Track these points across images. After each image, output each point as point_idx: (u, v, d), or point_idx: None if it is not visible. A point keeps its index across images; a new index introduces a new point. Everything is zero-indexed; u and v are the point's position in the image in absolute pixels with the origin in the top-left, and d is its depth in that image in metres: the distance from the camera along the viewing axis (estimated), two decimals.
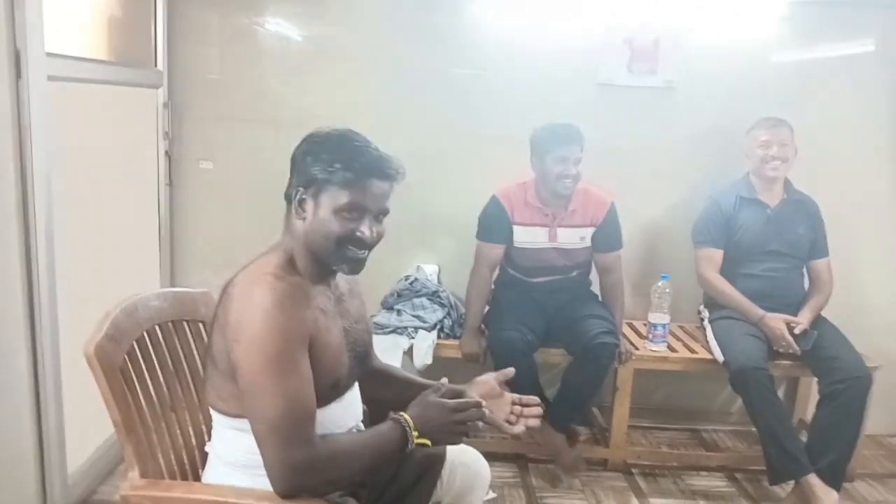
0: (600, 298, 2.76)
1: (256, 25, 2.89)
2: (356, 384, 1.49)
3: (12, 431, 1.97)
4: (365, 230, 1.32)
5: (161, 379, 1.49)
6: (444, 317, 2.68)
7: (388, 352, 2.47)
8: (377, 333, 2.53)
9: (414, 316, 2.61)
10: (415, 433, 1.30)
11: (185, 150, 2.93)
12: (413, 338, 2.56)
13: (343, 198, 1.31)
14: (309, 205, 1.35)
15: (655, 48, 2.93)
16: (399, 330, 2.57)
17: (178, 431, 1.50)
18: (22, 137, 1.91)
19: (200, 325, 1.65)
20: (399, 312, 2.62)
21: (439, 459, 1.53)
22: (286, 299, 1.24)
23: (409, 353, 2.55)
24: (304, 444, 1.20)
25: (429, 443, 1.32)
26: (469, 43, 2.91)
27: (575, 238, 2.65)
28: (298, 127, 2.86)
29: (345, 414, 1.42)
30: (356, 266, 1.36)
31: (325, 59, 2.92)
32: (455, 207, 2.91)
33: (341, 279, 1.45)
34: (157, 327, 1.52)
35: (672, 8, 2.89)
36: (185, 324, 1.61)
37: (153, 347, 1.48)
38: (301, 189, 1.37)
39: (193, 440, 1.55)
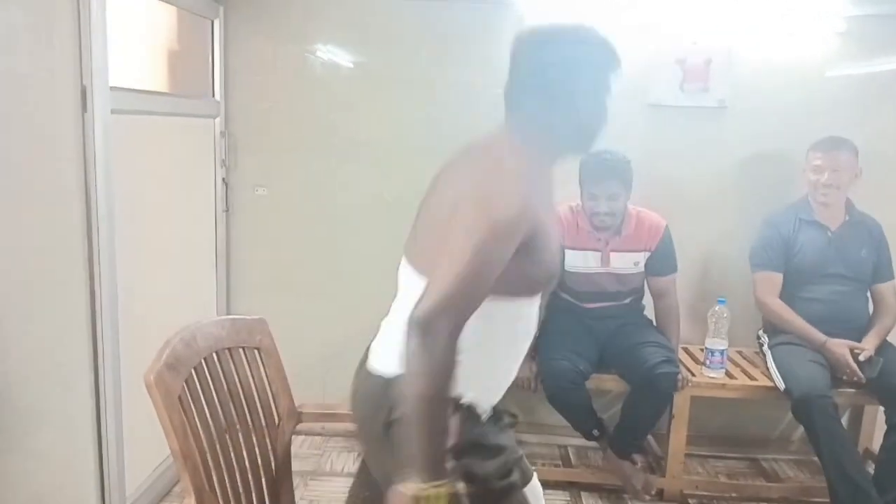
0: (655, 324, 2.71)
1: (308, 54, 2.95)
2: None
3: (74, 454, 2.03)
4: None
5: (218, 407, 1.51)
6: None
7: None
8: None
9: None
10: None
11: (241, 177, 3.00)
12: None
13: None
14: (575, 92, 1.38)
15: (707, 67, 2.89)
16: None
17: (234, 460, 1.52)
18: (87, 168, 1.98)
19: (256, 352, 1.67)
20: None
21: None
22: (533, 185, 1.27)
23: None
24: (455, 317, 1.14)
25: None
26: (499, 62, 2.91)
27: (628, 263, 2.61)
28: (348, 153, 2.99)
29: (535, 317, 1.40)
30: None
31: (372, 86, 2.96)
32: None
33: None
34: (214, 354, 1.54)
35: (724, 26, 2.84)
36: (241, 351, 1.63)
37: (211, 375, 1.51)
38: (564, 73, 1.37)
39: (248, 470, 1.57)
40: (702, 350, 2.73)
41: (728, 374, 2.66)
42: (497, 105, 2.85)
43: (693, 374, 2.63)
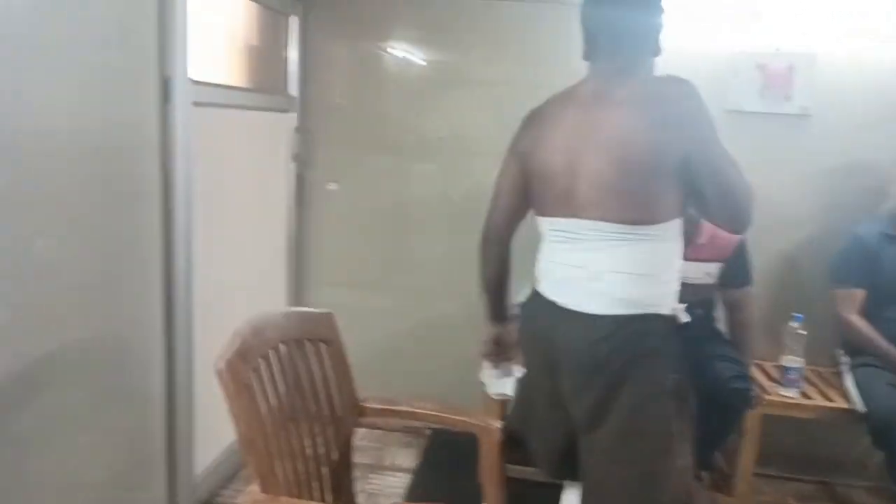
0: (728, 338, 2.62)
1: (382, 51, 2.98)
2: None
3: (146, 434, 2.10)
4: None
5: (284, 397, 1.54)
6: None
7: (500, 379, 2.45)
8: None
9: None
10: None
11: (314, 171, 3.06)
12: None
13: None
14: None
15: (790, 73, 2.77)
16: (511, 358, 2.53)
17: (298, 449, 1.54)
18: (167, 158, 2.05)
19: (322, 345, 1.69)
20: None
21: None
22: (537, 127, 1.73)
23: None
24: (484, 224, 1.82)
25: None
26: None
27: (700, 273, 2.51)
28: (419, 151, 3.01)
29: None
30: None
31: (446, 85, 2.97)
32: None
33: None
34: (282, 345, 1.57)
35: (808, 32, 2.73)
36: (308, 343, 1.66)
37: (279, 364, 1.54)
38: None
39: (311, 459, 1.59)
40: (776, 367, 2.63)
41: (803, 394, 2.54)
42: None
43: (766, 392, 2.53)
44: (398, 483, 2.68)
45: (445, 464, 2.75)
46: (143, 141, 1.97)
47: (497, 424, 1.73)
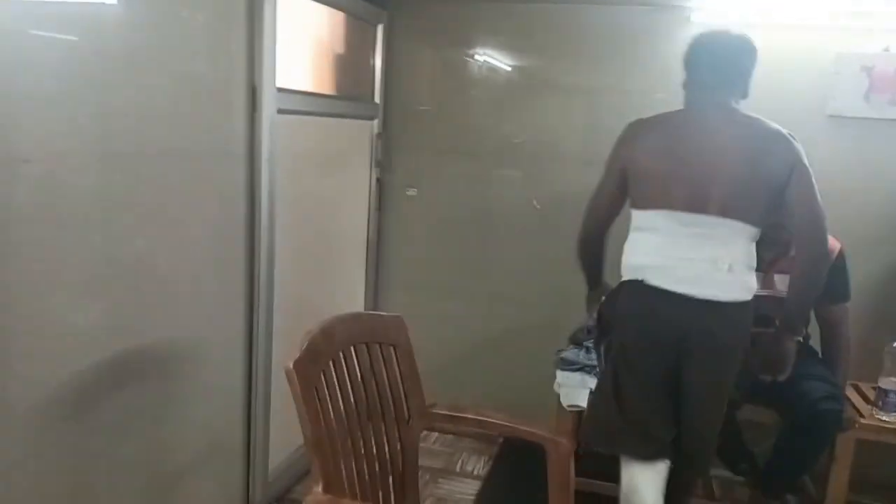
0: (821, 356, 2.47)
1: (466, 58, 2.99)
2: None
3: (225, 428, 2.19)
4: None
5: (352, 399, 1.56)
6: None
7: (575, 390, 2.41)
8: (564, 370, 2.47)
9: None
10: None
11: (394, 177, 3.10)
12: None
13: None
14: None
15: None
16: (587, 368, 2.48)
17: (363, 451, 1.57)
18: (253, 164, 2.13)
19: (392, 349, 1.71)
20: (588, 350, 2.53)
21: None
22: (640, 136, 2.02)
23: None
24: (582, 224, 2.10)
25: None
26: (676, 68, 2.77)
27: None
28: (500, 158, 3.00)
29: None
30: None
31: (527, 91, 2.94)
32: None
33: None
34: (352, 348, 1.60)
35: None
36: (378, 346, 1.68)
37: (347, 368, 1.56)
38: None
39: (376, 462, 1.61)
40: (874, 389, 2.45)
41: None
42: (653, 110, 2.74)
43: (862, 415, 2.37)
44: (467, 489, 2.68)
45: (516, 472, 2.72)
46: (230, 147, 2.06)
47: (566, 439, 1.70)
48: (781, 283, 2.36)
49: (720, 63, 1.96)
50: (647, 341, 1.95)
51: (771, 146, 1.88)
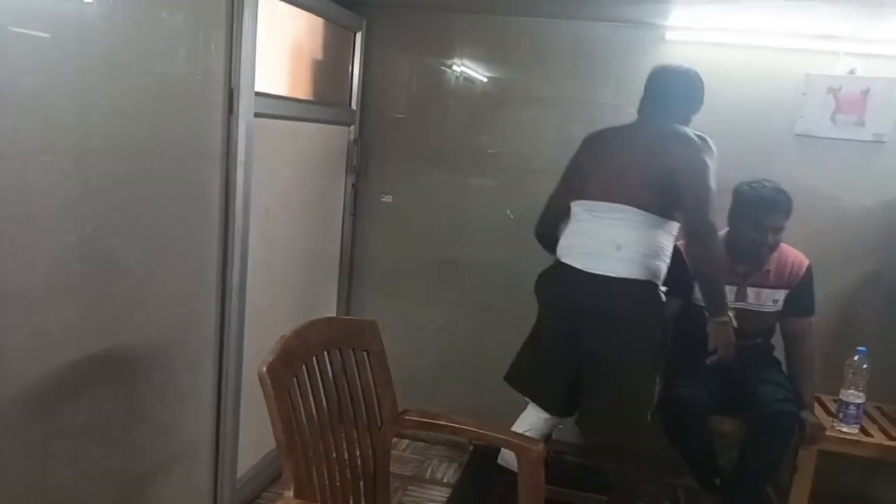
0: (785, 368, 2.53)
1: (443, 67, 3.01)
2: None
3: (193, 433, 2.16)
4: None
5: (324, 403, 1.56)
6: None
7: None
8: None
9: None
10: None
11: (370, 183, 3.11)
12: None
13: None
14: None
15: (864, 97, 2.68)
16: None
17: (335, 456, 1.56)
18: (228, 166, 2.12)
19: (365, 354, 1.71)
20: None
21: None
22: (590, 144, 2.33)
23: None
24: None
25: None
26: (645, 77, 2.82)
27: (767, 300, 2.46)
28: (475, 167, 3.02)
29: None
30: None
31: (503, 102, 2.97)
32: None
33: None
34: (325, 352, 1.60)
35: (885, 54, 2.62)
36: (351, 351, 1.68)
37: (320, 372, 1.56)
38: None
39: (348, 467, 1.61)
40: (835, 401, 2.52)
41: (863, 430, 2.42)
42: (622, 119, 2.77)
43: (823, 428, 2.43)
44: (437, 496, 2.68)
45: (486, 480, 2.73)
46: (206, 149, 2.05)
47: (539, 444, 1.71)
48: (753, 296, 2.43)
49: (665, 97, 2.28)
50: (550, 306, 2.28)
51: (672, 146, 2.15)
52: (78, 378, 1.67)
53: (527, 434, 2.11)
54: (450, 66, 3.01)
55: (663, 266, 2.19)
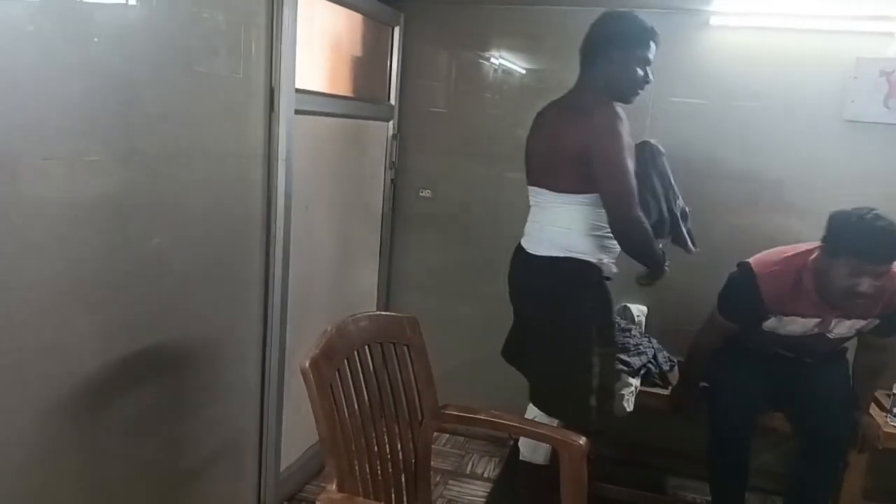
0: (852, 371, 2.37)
1: (481, 60, 2.99)
2: None
3: (238, 427, 2.20)
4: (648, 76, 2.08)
5: (366, 398, 1.57)
6: (649, 362, 2.53)
7: None
8: None
9: (616, 358, 2.48)
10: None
11: (408, 178, 3.11)
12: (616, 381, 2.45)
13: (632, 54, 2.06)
14: (617, 59, 2.05)
15: None
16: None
17: (377, 450, 1.57)
18: (270, 163, 2.14)
19: (406, 349, 1.72)
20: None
21: None
22: (617, 113, 1.97)
23: None
24: (636, 206, 1.94)
25: None
26: (696, 73, 2.77)
27: (849, 330, 2.21)
28: (510, 159, 2.99)
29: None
30: (633, 99, 2.11)
31: (542, 93, 2.90)
32: (671, 251, 2.74)
33: None
34: (367, 347, 1.61)
35: None
36: (392, 346, 1.69)
37: (362, 367, 1.57)
38: (611, 48, 2.05)
39: (389, 462, 1.61)
40: (889, 395, 2.43)
41: None
42: (668, 113, 2.74)
43: (879, 429, 2.34)
44: (478, 491, 2.68)
45: (527, 475, 2.71)
46: (247, 147, 2.07)
47: (580, 439, 1.70)
48: (839, 327, 2.22)
49: (582, 57, 2.13)
50: (508, 284, 2.28)
51: (571, 123, 2.00)
52: (126, 374, 1.71)
53: (535, 420, 2.08)
54: (487, 59, 2.99)
55: (591, 240, 2.04)
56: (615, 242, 2.03)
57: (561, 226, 2.07)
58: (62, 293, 1.50)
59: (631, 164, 1.96)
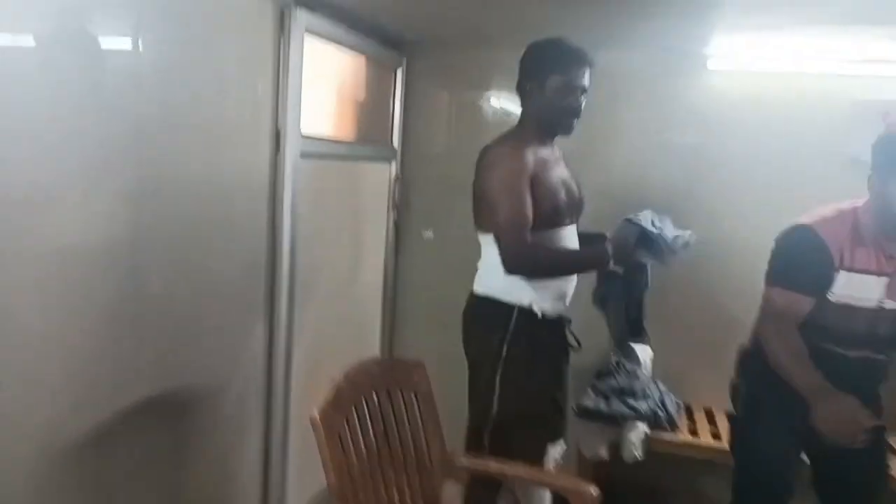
0: None
1: (481, 101, 3.02)
2: (572, 228, 2.09)
3: (243, 473, 2.16)
4: (578, 103, 2.01)
5: (374, 446, 1.54)
6: (657, 406, 2.50)
7: (594, 438, 2.37)
8: (583, 418, 2.44)
9: (623, 403, 2.46)
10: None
11: (411, 219, 3.11)
12: (622, 427, 2.42)
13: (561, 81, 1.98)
14: (537, 91, 2.01)
15: None
16: (607, 418, 2.44)
17: (388, 499, 1.54)
18: (275, 206, 2.14)
19: (413, 395, 1.69)
20: (607, 398, 2.50)
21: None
22: (514, 149, 1.96)
23: (616, 443, 2.41)
24: (524, 242, 1.88)
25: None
26: (693, 109, 2.79)
27: None
28: None
29: (562, 243, 2.04)
30: (570, 129, 2.06)
31: None
32: (675, 294, 2.73)
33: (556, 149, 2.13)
34: (374, 394, 1.59)
35: None
36: (399, 392, 1.67)
37: (370, 415, 1.55)
38: (531, 81, 2.03)
39: None
40: None
41: None
42: (667, 148, 2.73)
43: None
44: None
45: None
46: (253, 190, 2.07)
47: (591, 488, 1.67)
48: None
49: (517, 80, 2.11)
50: None
51: (479, 160, 2.05)
52: (131, 419, 1.68)
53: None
54: (487, 100, 3.02)
55: (511, 280, 1.96)
56: (561, 283, 2.03)
57: (484, 264, 2.09)
58: (68, 337, 1.48)
59: (520, 199, 1.90)
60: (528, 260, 1.93)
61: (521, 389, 1.98)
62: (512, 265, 1.92)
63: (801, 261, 1.89)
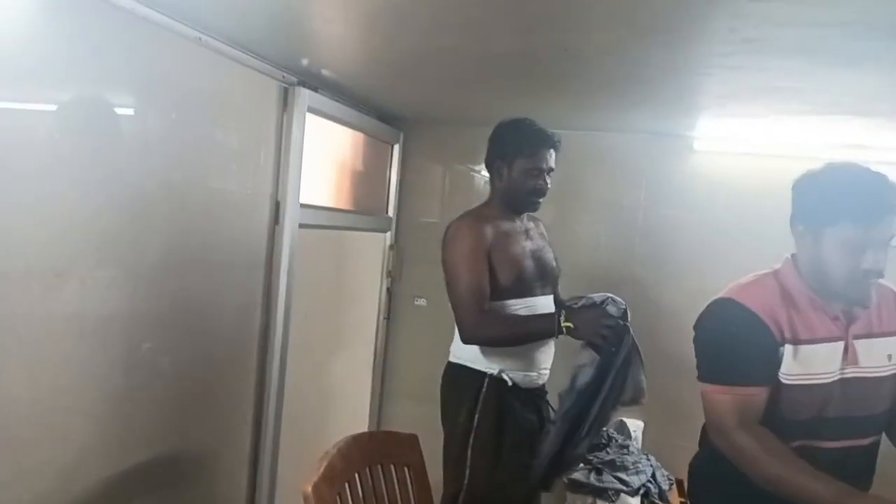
0: None
1: (474, 174, 3.11)
2: (547, 298, 2.14)
3: None
4: (543, 184, 2.07)
5: None
6: (648, 481, 2.49)
7: None
8: (574, 492, 2.42)
9: (615, 477, 2.45)
10: (566, 324, 1.87)
11: (404, 287, 3.15)
12: (614, 502, 2.40)
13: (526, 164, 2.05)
14: (504, 171, 2.09)
15: None
16: (598, 491, 2.43)
17: None
18: (272, 275, 2.18)
19: (406, 470, 1.69)
20: (599, 472, 2.49)
21: None
22: (472, 224, 2.03)
23: None
24: (478, 311, 1.96)
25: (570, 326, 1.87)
26: (680, 188, 2.88)
27: (881, 357, 1.54)
28: None
29: (535, 312, 2.06)
30: (535, 206, 2.12)
31: None
32: (666, 368, 2.75)
33: (527, 219, 2.19)
34: (367, 468, 1.59)
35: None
36: (392, 467, 1.66)
37: (362, 490, 1.54)
38: (498, 161, 2.10)
39: None
40: None
41: None
42: (653, 222, 2.78)
43: None
44: None
45: None
46: (251, 258, 2.11)
47: None
48: (865, 354, 1.54)
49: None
50: None
51: (443, 237, 2.11)
52: (121, 490, 1.66)
53: None
54: (479, 173, 3.10)
55: (481, 349, 2.05)
56: (535, 353, 2.06)
57: (456, 334, 2.10)
58: (63, 408, 1.49)
59: (473, 271, 1.99)
60: (480, 328, 1.99)
61: (490, 462, 2.00)
62: (466, 334, 2.00)
63: (734, 343, 1.51)
